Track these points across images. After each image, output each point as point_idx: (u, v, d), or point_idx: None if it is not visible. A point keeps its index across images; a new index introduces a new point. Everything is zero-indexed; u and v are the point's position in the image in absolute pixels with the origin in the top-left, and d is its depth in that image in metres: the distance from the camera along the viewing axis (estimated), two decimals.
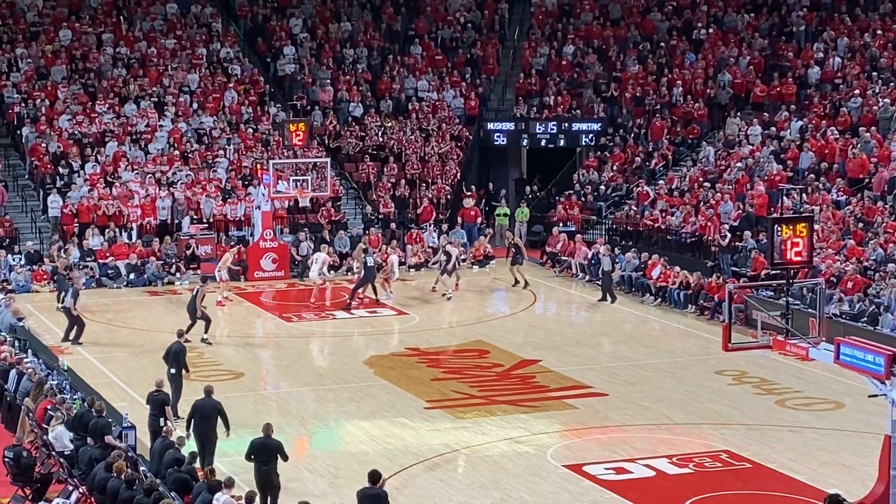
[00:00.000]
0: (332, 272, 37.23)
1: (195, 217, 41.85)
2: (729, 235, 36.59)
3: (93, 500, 19.33)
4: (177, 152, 44.27)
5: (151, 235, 40.74)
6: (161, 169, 43.27)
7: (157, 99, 46.33)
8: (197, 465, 19.83)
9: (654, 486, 21.57)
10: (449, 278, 36.79)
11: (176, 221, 41.71)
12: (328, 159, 42.64)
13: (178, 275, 38.85)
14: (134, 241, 40.49)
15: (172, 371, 24.63)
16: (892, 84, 42.25)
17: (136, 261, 38.97)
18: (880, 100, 41.13)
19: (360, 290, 35.73)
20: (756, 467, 22.32)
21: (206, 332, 30.79)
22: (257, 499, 17.71)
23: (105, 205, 40.98)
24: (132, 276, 38.60)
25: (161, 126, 45.22)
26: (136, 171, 42.87)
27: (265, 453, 19.70)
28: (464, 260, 36.67)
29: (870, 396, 21.66)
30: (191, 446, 20.64)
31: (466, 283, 39.34)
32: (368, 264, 35.30)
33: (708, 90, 46.96)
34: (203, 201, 42.17)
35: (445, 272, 36.81)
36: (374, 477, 17.43)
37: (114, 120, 45.05)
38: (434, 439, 23.83)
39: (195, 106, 46.55)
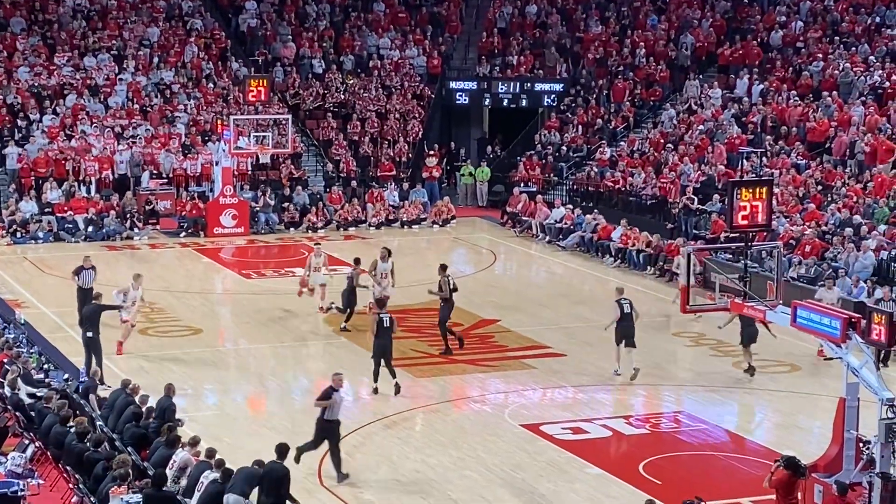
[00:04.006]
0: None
1: (154, 172, 41.60)
2: (696, 199, 36.66)
3: (49, 453, 19.29)
4: (136, 106, 43.94)
5: (110, 190, 40.50)
6: (120, 123, 42.94)
7: (116, 52, 45.93)
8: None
9: (611, 446, 21.69)
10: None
11: (135, 176, 41.45)
12: (289, 116, 42.47)
13: (136, 230, 38.65)
14: (92, 194, 40.23)
15: (89, 335, 24.01)
16: (852, 49, 42.41)
17: (95, 215, 38.75)
18: (841, 64, 41.27)
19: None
20: (712, 429, 22.49)
21: (346, 321, 28.30)
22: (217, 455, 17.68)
23: (63, 157, 40.70)
24: (90, 229, 38.38)
25: (121, 79, 44.85)
26: (94, 125, 42.54)
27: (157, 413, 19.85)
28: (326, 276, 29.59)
29: (825, 359, 21.88)
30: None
31: (428, 241, 39.46)
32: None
33: (670, 52, 46.98)
34: (162, 156, 41.91)
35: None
36: (282, 450, 17.27)
37: (73, 72, 44.64)
38: (392, 397, 23.83)
39: (155, 60, 46.16)
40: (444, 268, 27.01)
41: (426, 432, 22.10)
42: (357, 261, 28.81)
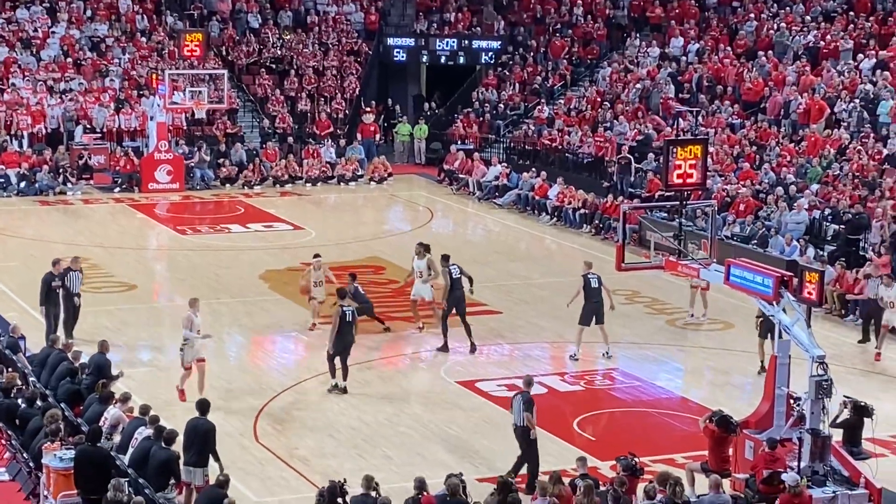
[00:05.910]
0: None
1: (88, 126, 41.13)
2: (631, 158, 36.76)
3: None
4: (69, 60, 43.38)
5: (43, 144, 40.02)
6: (53, 76, 42.38)
7: (49, 4, 45.27)
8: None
9: (546, 402, 21.78)
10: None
11: (68, 131, 40.97)
12: (225, 71, 42.10)
13: (69, 185, 38.23)
14: (24, 149, 39.73)
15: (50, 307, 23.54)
16: (787, 8, 42.65)
17: (27, 170, 38.29)
18: (776, 24, 41.50)
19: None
20: (645, 385, 22.68)
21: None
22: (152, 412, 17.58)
23: None
24: (23, 184, 37.92)
25: (53, 32, 44.24)
26: (26, 78, 41.96)
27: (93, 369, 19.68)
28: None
29: (758, 317, 22.03)
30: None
31: (364, 198, 39.40)
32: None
33: (608, 10, 47.01)
34: (96, 111, 41.43)
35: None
36: (203, 406, 17.10)
37: (4, 25, 43.97)
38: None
39: (89, 13, 45.56)
40: (445, 258, 24.91)
41: (362, 389, 22.11)
42: (353, 276, 25.48)
